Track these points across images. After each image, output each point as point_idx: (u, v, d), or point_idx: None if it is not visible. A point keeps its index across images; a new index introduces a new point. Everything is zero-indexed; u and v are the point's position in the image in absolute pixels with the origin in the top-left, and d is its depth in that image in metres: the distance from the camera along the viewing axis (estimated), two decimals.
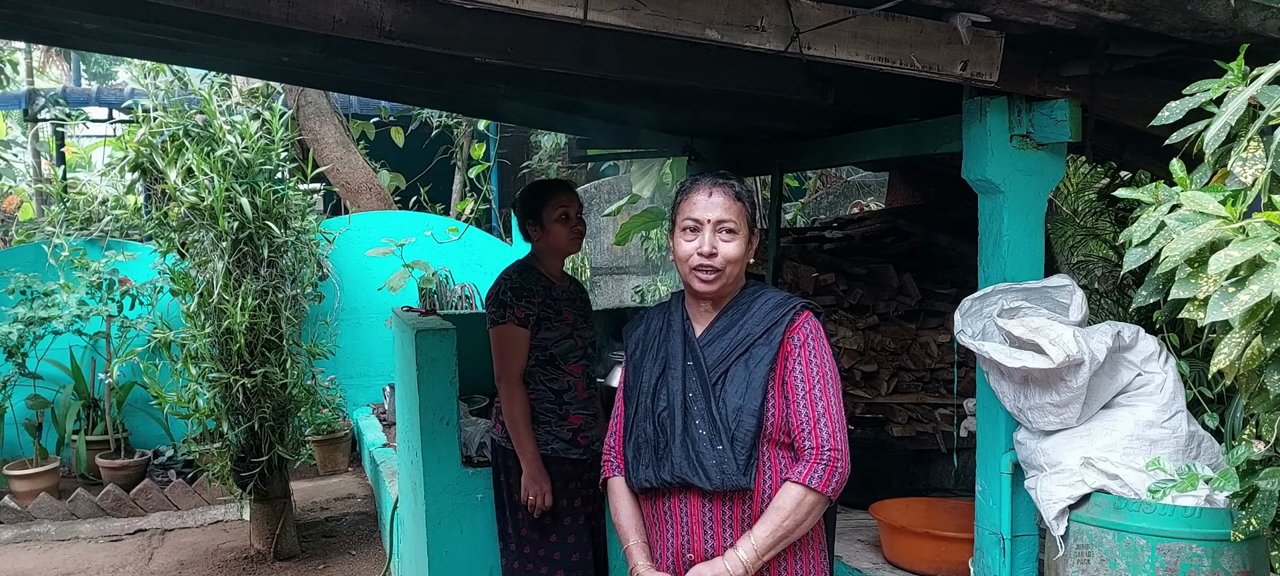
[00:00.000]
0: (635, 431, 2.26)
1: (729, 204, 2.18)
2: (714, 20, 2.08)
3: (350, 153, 9.01)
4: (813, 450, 2.10)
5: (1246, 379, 1.65)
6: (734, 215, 2.18)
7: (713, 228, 2.17)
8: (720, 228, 2.17)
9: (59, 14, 3.12)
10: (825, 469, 2.09)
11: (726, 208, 2.18)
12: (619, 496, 2.33)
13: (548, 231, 3.44)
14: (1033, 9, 2.05)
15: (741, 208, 2.20)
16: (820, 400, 2.13)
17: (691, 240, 2.19)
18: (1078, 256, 4.33)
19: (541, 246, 3.48)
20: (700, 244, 2.17)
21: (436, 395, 3.50)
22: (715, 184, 2.20)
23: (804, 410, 2.12)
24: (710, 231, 2.17)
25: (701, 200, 2.19)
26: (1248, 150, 1.67)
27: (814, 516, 2.12)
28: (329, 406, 7.18)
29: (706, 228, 2.17)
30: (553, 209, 3.43)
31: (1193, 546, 1.91)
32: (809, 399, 2.13)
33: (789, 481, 2.11)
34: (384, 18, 2.35)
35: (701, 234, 2.17)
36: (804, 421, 2.12)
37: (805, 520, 2.10)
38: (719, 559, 2.12)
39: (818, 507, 2.11)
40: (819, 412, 2.12)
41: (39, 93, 9.98)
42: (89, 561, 5.66)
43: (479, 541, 3.51)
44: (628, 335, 2.41)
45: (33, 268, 6.86)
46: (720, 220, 2.17)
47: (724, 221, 2.17)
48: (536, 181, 3.70)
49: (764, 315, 2.19)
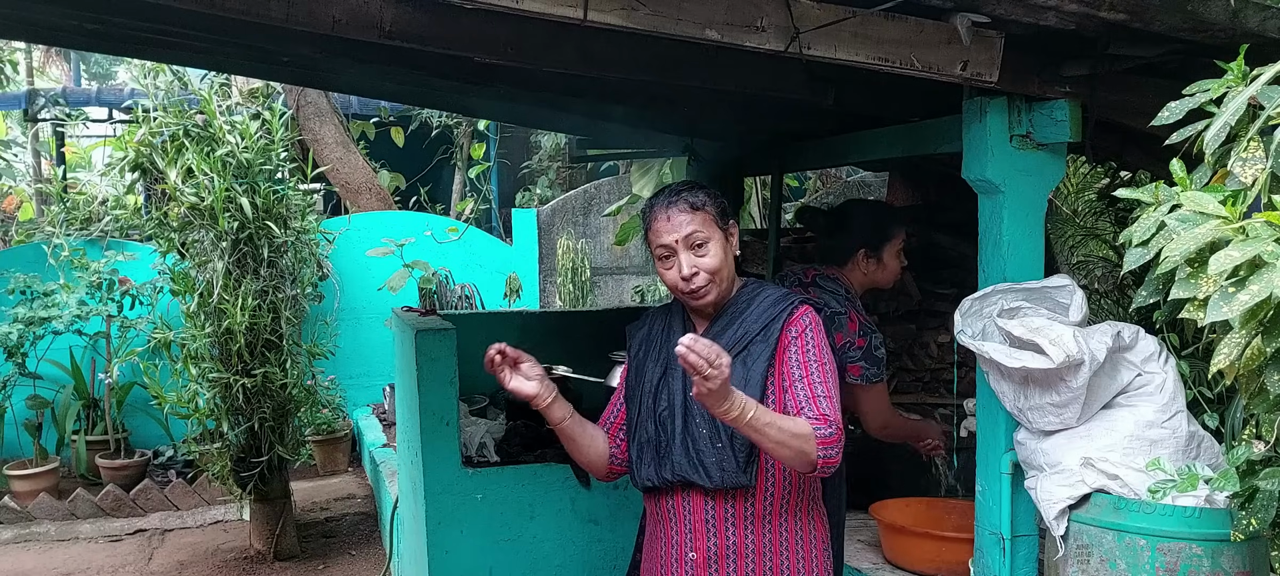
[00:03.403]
0: (638, 431, 2.26)
1: (690, 217, 2.15)
2: (714, 20, 2.08)
3: (350, 153, 9.01)
4: (820, 417, 2.04)
5: (1246, 379, 1.65)
6: (698, 224, 2.15)
7: (684, 247, 2.15)
8: (690, 243, 2.15)
9: (59, 14, 3.12)
10: (830, 434, 2.02)
11: (689, 221, 2.14)
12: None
13: (884, 266, 3.01)
14: (1033, 9, 2.05)
15: (704, 215, 2.16)
16: (819, 383, 2.10)
17: (670, 267, 2.17)
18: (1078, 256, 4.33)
19: (864, 277, 3.02)
20: (678, 268, 2.15)
21: (436, 395, 3.50)
22: (669, 204, 2.17)
23: (802, 390, 2.09)
24: (683, 251, 2.15)
25: (663, 226, 2.16)
26: (1248, 150, 1.67)
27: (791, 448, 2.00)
28: (329, 406, 7.17)
29: (678, 250, 2.15)
30: (897, 243, 3.01)
31: (1193, 546, 1.91)
32: (807, 381, 2.10)
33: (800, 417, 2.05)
34: (384, 18, 2.35)
35: (676, 258, 2.15)
36: (804, 400, 2.07)
37: (787, 437, 1.98)
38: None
39: (802, 442, 2.00)
40: (820, 393, 2.08)
41: (39, 93, 9.97)
42: (89, 561, 5.66)
43: (479, 541, 3.51)
44: (631, 334, 2.40)
45: (33, 267, 6.86)
46: (687, 236, 2.14)
47: (691, 236, 2.14)
48: (883, 204, 3.20)
49: (762, 312, 2.19)
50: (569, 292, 8.83)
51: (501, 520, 3.54)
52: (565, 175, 10.84)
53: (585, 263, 8.98)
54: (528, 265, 8.90)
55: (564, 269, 8.90)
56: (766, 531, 2.18)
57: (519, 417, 3.79)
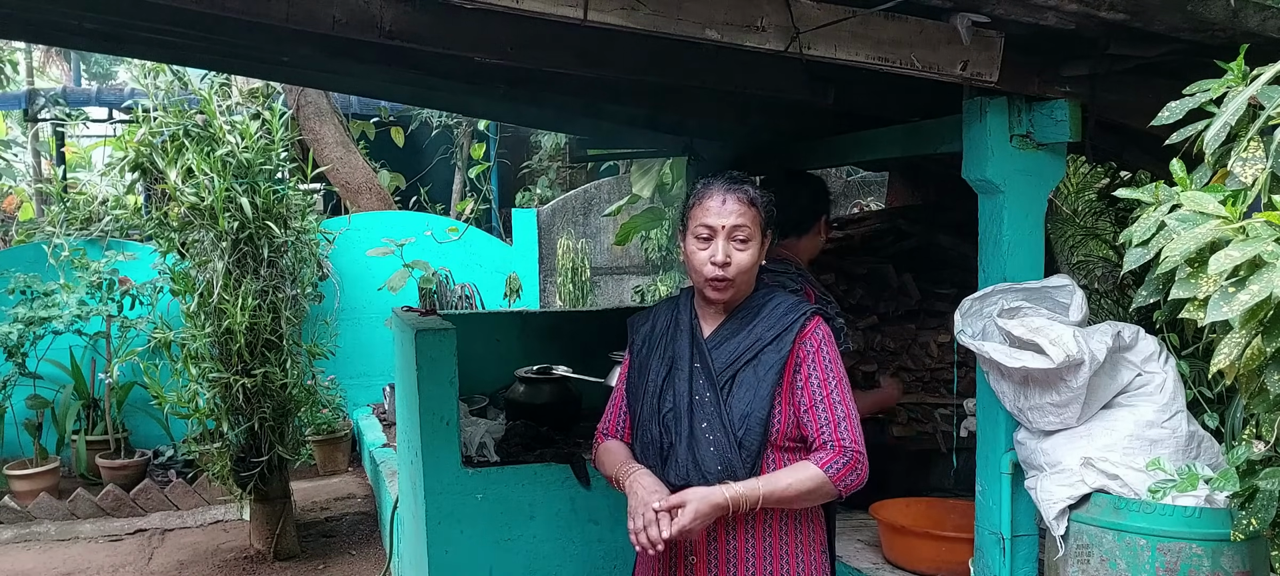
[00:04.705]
0: (641, 432, 2.24)
1: (743, 210, 2.13)
2: (714, 20, 2.08)
3: (350, 153, 9.01)
4: (835, 445, 2.07)
5: (1246, 379, 1.65)
6: (748, 221, 2.14)
7: (726, 235, 2.13)
8: (734, 235, 2.13)
9: (59, 14, 3.12)
10: (846, 464, 2.06)
11: (741, 214, 2.13)
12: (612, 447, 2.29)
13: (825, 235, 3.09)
14: (1033, 9, 2.05)
15: (755, 213, 2.16)
16: (840, 404, 2.11)
17: (705, 248, 2.15)
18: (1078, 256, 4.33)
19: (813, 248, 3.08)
20: (713, 253, 2.13)
21: (436, 395, 3.49)
22: (729, 189, 2.15)
23: (823, 413, 2.10)
24: (723, 239, 2.13)
25: (715, 206, 2.14)
26: (1248, 150, 1.67)
27: (814, 499, 2.08)
28: (329, 406, 7.17)
29: (720, 235, 2.13)
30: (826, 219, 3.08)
31: (1193, 546, 1.91)
32: (828, 403, 2.11)
33: (807, 461, 2.08)
34: (384, 18, 2.36)
35: (715, 242, 2.13)
36: (824, 423, 2.09)
37: (805, 495, 2.05)
38: (717, 487, 2.05)
39: (821, 494, 2.07)
40: (840, 415, 2.10)
41: (39, 93, 9.97)
42: (89, 561, 5.66)
43: (479, 541, 3.51)
44: (634, 328, 2.37)
45: (33, 267, 6.85)
46: (735, 227, 2.13)
47: (738, 228, 2.13)
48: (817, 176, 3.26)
49: (775, 320, 2.17)
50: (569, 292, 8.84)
51: (501, 520, 3.54)
52: (565, 175, 10.84)
53: (585, 262, 8.99)
54: (528, 265, 8.90)
55: (564, 269, 8.91)
56: (766, 535, 2.17)
57: (519, 417, 3.79)
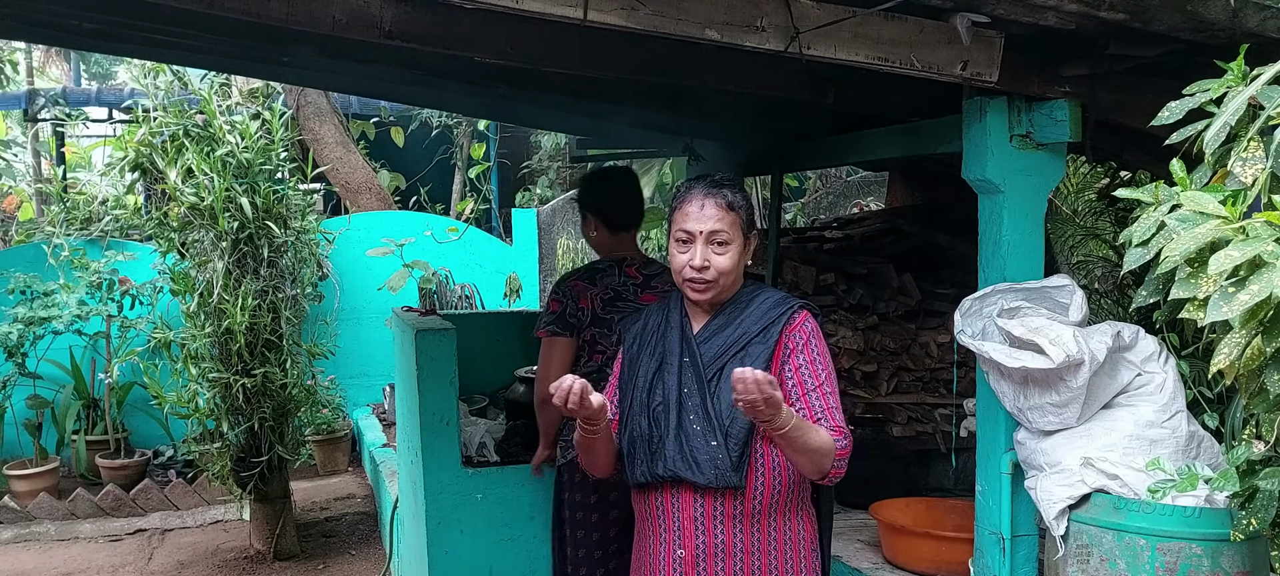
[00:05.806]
0: (629, 426, 2.25)
1: (721, 215, 2.15)
2: (714, 20, 2.08)
3: (350, 153, 9.01)
4: (837, 430, 2.10)
5: (1246, 379, 1.65)
6: (727, 225, 2.16)
7: (705, 240, 2.15)
8: (712, 239, 2.15)
9: (59, 14, 3.12)
10: (846, 447, 2.10)
11: (718, 219, 2.15)
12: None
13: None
14: (1033, 9, 2.05)
15: (734, 217, 2.17)
16: (830, 395, 2.15)
17: (684, 252, 2.17)
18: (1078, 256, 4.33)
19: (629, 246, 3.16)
20: (692, 257, 2.16)
21: (436, 395, 3.50)
22: (707, 194, 2.17)
23: (816, 401, 2.13)
24: (702, 244, 2.15)
25: (694, 212, 2.16)
26: (1248, 150, 1.67)
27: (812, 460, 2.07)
28: (329, 406, 7.17)
29: (698, 240, 2.15)
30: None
31: (1193, 546, 1.91)
32: (820, 392, 2.14)
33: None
34: (384, 18, 2.36)
35: (693, 246, 2.16)
36: (818, 412, 2.12)
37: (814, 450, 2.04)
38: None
39: (822, 457, 2.07)
40: (831, 405, 2.14)
41: (39, 93, 9.97)
42: (89, 561, 5.66)
43: (479, 541, 3.51)
44: (625, 328, 2.39)
45: (33, 267, 6.85)
46: (712, 232, 2.15)
47: (716, 233, 2.15)
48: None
49: (762, 314, 2.20)
50: None
51: (501, 520, 3.54)
52: (565, 175, 10.83)
53: (585, 262, 8.97)
54: (528, 265, 8.89)
55: (564, 269, 8.90)
56: (755, 530, 2.18)
57: (519, 417, 3.79)
